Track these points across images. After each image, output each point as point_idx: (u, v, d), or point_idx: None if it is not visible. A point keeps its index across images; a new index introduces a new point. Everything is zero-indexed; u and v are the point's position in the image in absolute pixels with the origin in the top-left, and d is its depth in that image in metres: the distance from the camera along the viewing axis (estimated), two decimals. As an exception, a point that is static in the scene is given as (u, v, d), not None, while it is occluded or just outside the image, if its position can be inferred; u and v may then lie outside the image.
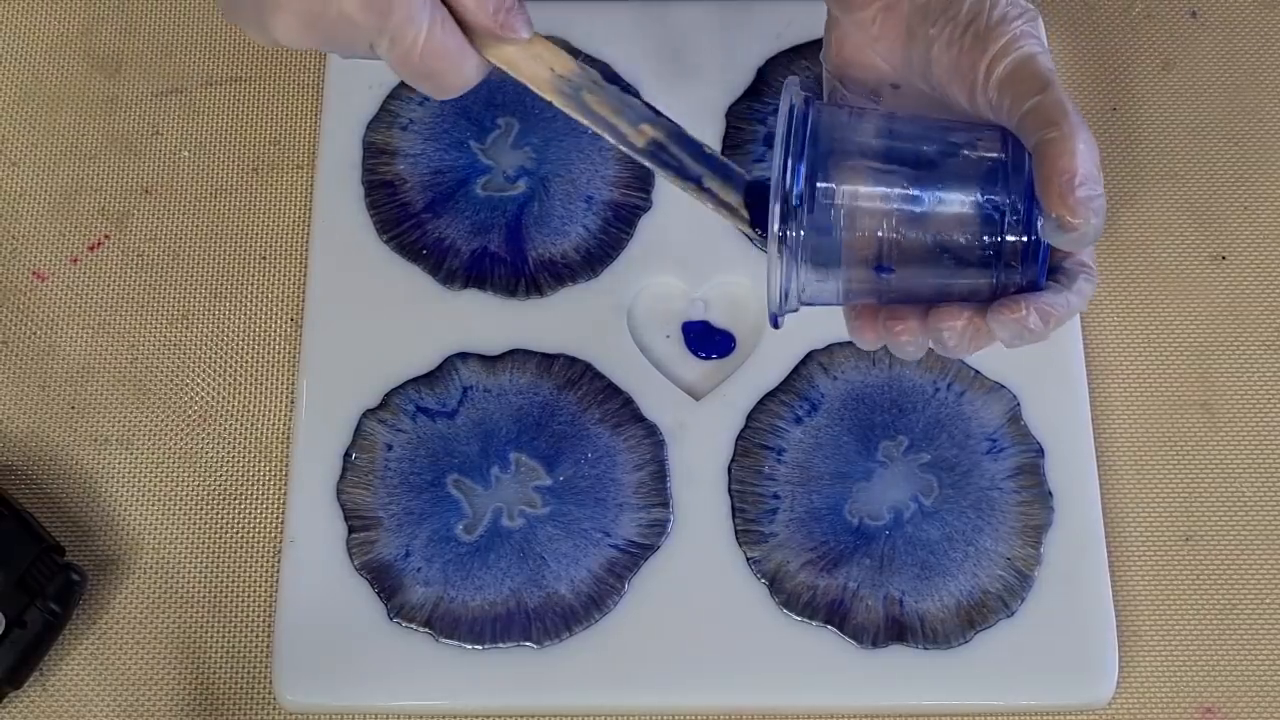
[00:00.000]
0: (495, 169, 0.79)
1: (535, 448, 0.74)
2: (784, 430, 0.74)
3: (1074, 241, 0.60)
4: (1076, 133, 0.60)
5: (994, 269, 0.61)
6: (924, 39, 0.64)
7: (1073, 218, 0.59)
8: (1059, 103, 0.60)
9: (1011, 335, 0.61)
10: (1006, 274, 0.61)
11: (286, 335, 0.78)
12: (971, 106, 0.63)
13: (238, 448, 0.76)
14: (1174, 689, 0.71)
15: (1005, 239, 0.61)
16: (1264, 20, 0.85)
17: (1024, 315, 0.61)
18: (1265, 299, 0.79)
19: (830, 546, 0.72)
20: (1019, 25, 0.62)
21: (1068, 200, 0.59)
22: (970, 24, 0.63)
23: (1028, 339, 0.61)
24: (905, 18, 0.65)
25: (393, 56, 0.61)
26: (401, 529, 0.73)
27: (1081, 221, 0.59)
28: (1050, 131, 0.60)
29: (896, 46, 0.65)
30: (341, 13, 0.59)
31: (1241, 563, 0.74)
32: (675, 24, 0.83)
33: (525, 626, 0.71)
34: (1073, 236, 0.60)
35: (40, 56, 0.84)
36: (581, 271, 0.78)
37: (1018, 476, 0.73)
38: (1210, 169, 0.81)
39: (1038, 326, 0.61)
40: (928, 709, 0.71)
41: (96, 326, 0.78)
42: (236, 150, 0.82)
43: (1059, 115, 0.60)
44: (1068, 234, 0.59)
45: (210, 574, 0.74)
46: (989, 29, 0.62)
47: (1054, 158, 0.59)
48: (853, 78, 0.67)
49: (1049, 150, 0.60)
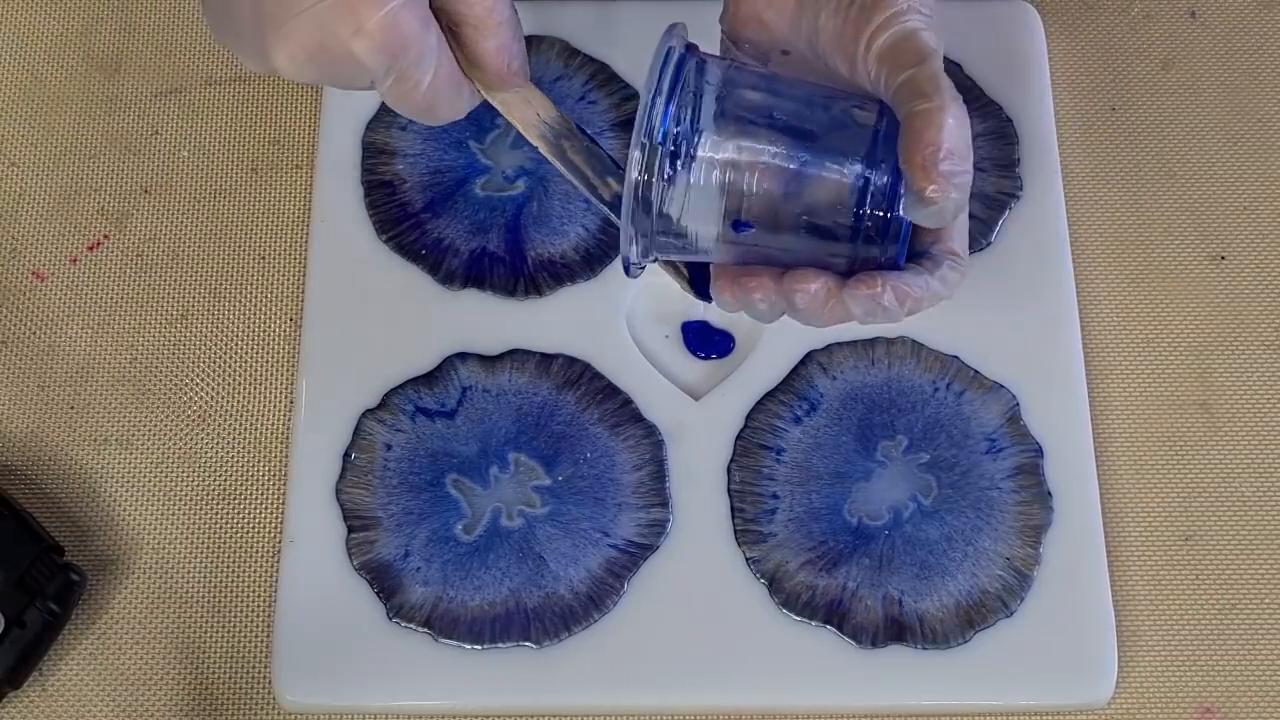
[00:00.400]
0: (494, 169, 0.80)
1: (534, 448, 0.74)
2: (783, 430, 0.74)
3: (933, 216, 0.59)
4: (947, 106, 0.59)
5: (853, 242, 0.61)
6: (812, 6, 0.64)
7: (933, 189, 0.58)
8: (933, 76, 0.60)
9: (865, 312, 0.61)
10: (865, 248, 0.61)
11: (286, 335, 0.78)
12: (853, 77, 0.63)
13: (238, 448, 0.76)
14: (1174, 689, 0.71)
15: (866, 211, 0.60)
16: (1263, 20, 0.85)
17: (878, 292, 0.61)
18: (1265, 299, 0.79)
19: (829, 546, 0.72)
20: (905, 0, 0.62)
21: (930, 172, 0.59)
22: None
23: (881, 317, 0.61)
24: None
25: (393, 95, 0.61)
26: (401, 529, 0.73)
27: (940, 194, 0.58)
28: (920, 103, 0.59)
29: (787, 13, 0.65)
30: (349, 52, 0.59)
31: (1241, 563, 0.74)
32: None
33: (524, 626, 0.71)
34: (932, 210, 0.59)
35: (40, 56, 0.84)
36: (581, 271, 0.78)
37: (1017, 476, 0.73)
38: (1210, 169, 0.81)
39: (892, 305, 0.61)
40: (927, 709, 0.71)
41: (96, 326, 0.78)
42: (236, 150, 0.82)
43: (931, 88, 0.60)
44: (926, 207, 0.59)
45: (210, 574, 0.74)
46: (875, 1, 0.62)
47: (920, 129, 0.59)
48: (745, 38, 0.67)
49: (916, 121, 0.59)
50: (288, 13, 0.58)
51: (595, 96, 0.81)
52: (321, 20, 0.58)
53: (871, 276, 0.61)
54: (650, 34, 0.82)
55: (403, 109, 0.62)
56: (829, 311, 0.62)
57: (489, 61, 0.62)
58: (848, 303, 0.61)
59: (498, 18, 0.62)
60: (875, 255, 0.61)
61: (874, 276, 0.61)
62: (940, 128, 0.59)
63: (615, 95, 0.81)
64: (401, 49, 0.59)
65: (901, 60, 0.61)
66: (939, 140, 0.59)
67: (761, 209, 0.61)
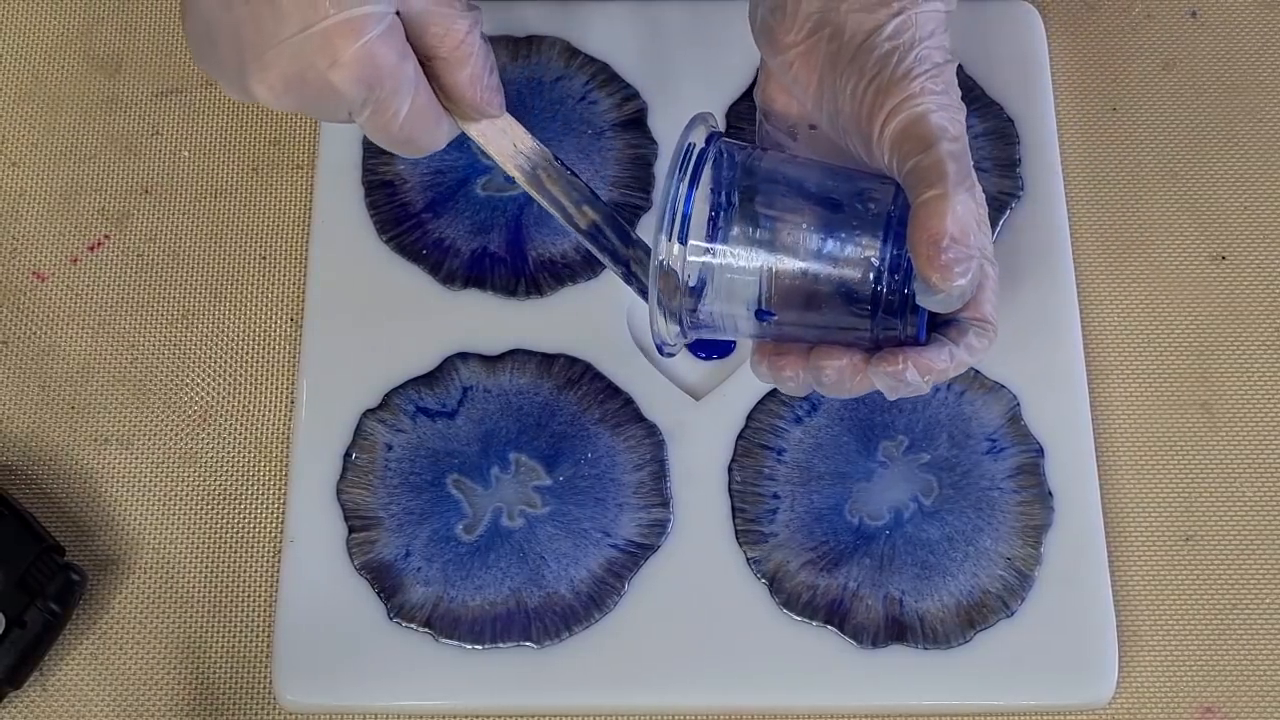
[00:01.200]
0: (495, 169, 0.79)
1: (535, 448, 0.74)
2: (784, 430, 0.74)
3: (940, 303, 0.61)
4: (950, 194, 0.60)
5: (873, 320, 0.62)
6: (833, 88, 0.65)
7: (938, 280, 0.60)
8: (938, 162, 0.61)
9: (889, 388, 0.63)
10: (886, 325, 0.62)
11: (286, 335, 0.78)
12: (869, 158, 0.64)
13: (238, 448, 0.76)
14: (1174, 689, 0.71)
15: (884, 290, 0.61)
16: (1264, 20, 0.85)
17: (900, 369, 0.62)
18: (1265, 299, 0.79)
19: (830, 546, 0.72)
20: (920, 82, 0.62)
21: (934, 262, 0.60)
22: (874, 78, 0.63)
23: (905, 392, 0.63)
24: (819, 65, 0.65)
25: (371, 125, 0.62)
26: (402, 529, 0.73)
27: (945, 283, 0.60)
28: (925, 192, 0.60)
29: (810, 91, 0.66)
30: (327, 83, 0.60)
31: (1241, 563, 0.74)
32: (675, 24, 0.83)
33: (525, 626, 0.71)
34: (940, 299, 0.60)
35: (40, 56, 0.84)
36: (581, 271, 0.78)
37: (1018, 476, 0.73)
38: (1210, 169, 0.81)
39: (915, 381, 0.62)
40: (928, 709, 0.71)
41: (96, 326, 0.78)
42: (236, 150, 0.82)
43: (936, 176, 0.60)
44: (934, 295, 0.60)
45: (210, 574, 0.74)
46: (890, 84, 0.63)
47: (924, 219, 0.60)
48: (776, 114, 0.68)
49: (921, 211, 0.60)
50: (266, 43, 0.59)
51: (595, 96, 0.81)
52: (299, 51, 0.59)
53: (894, 354, 0.62)
54: (650, 34, 0.83)
55: (381, 140, 0.64)
56: (855, 385, 0.63)
57: (463, 93, 0.64)
58: (874, 379, 0.63)
59: (467, 49, 0.63)
60: (896, 331, 0.62)
61: (896, 354, 0.62)
62: (943, 216, 0.60)
63: (615, 95, 0.81)
64: (378, 80, 0.60)
65: (910, 146, 0.62)
66: (942, 229, 0.59)
67: (786, 290, 0.63)
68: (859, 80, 0.63)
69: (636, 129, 0.80)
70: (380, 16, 0.60)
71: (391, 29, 0.61)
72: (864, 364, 0.62)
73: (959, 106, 0.63)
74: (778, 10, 0.66)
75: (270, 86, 0.60)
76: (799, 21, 0.65)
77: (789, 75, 0.66)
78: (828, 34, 0.65)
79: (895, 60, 0.63)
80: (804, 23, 0.65)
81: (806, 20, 0.65)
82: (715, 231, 0.63)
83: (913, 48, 0.63)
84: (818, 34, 0.65)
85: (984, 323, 0.63)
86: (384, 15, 0.60)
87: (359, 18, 0.59)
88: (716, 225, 0.63)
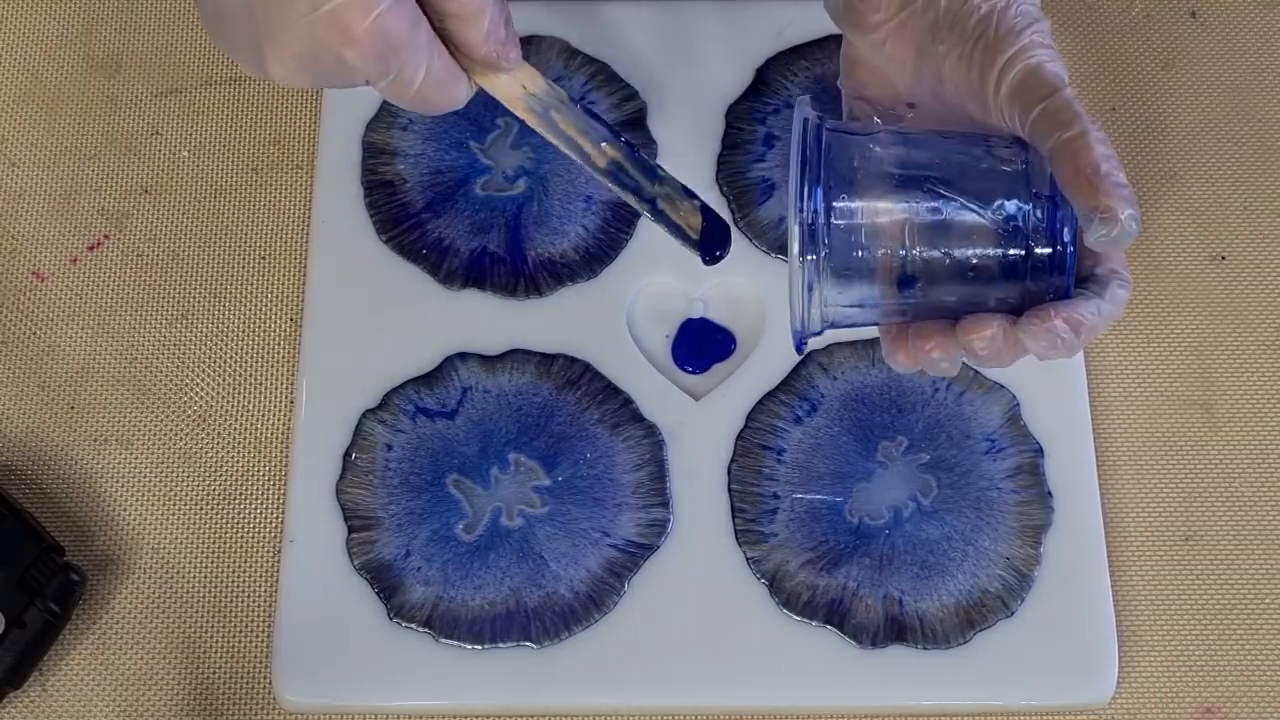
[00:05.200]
0: (494, 169, 0.79)
1: (535, 448, 0.74)
2: (784, 430, 0.74)
3: (1117, 236, 0.59)
4: (1089, 130, 0.59)
5: (1020, 280, 0.61)
6: (934, 56, 0.64)
7: (1113, 203, 0.58)
8: (1068, 104, 0.60)
9: (1044, 346, 0.61)
10: (1034, 284, 0.61)
11: (286, 335, 0.78)
12: (985, 119, 0.63)
13: (238, 448, 0.76)
14: (1174, 689, 0.71)
15: (1029, 249, 0.61)
16: (1264, 20, 0.85)
17: (1054, 324, 0.60)
18: (1265, 299, 0.79)
19: (830, 546, 0.72)
20: (1028, 35, 0.62)
21: (1101, 187, 0.58)
22: (979, 39, 0.63)
23: (1061, 349, 0.61)
24: (915, 37, 0.65)
25: (389, 93, 0.62)
26: (401, 529, 0.73)
27: (1118, 206, 0.58)
28: (1063, 131, 0.59)
29: (908, 66, 0.65)
30: (342, 60, 0.59)
31: (1241, 563, 0.74)
32: (675, 24, 0.83)
33: (525, 626, 0.71)
34: (1115, 232, 0.58)
35: (40, 56, 0.84)
36: (581, 271, 0.78)
37: (1017, 476, 0.73)
38: (1210, 169, 0.81)
39: (1068, 336, 0.60)
40: (927, 709, 0.71)
41: (96, 326, 0.78)
42: (236, 150, 0.82)
43: (1069, 116, 0.60)
44: (1108, 226, 0.58)
45: (210, 574, 0.74)
46: (996, 41, 0.62)
47: (1072, 155, 0.59)
48: (868, 98, 0.67)
49: (1065, 149, 0.59)
50: (280, 24, 0.59)
51: (595, 97, 0.81)
52: (312, 30, 0.59)
53: (1044, 310, 0.60)
54: (650, 34, 0.83)
55: (401, 104, 0.63)
56: (1009, 352, 0.61)
57: (476, 49, 0.63)
58: (1025, 340, 0.61)
59: (479, 5, 0.62)
60: (1044, 289, 0.61)
61: (1046, 310, 0.60)
62: (1090, 148, 0.59)
63: (615, 95, 0.81)
64: (392, 51, 0.60)
65: (1033, 94, 0.61)
66: (1094, 160, 0.59)
67: (924, 264, 0.62)
68: (964, 44, 0.63)
69: (636, 129, 0.80)
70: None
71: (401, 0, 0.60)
72: (1013, 328, 0.61)
73: (1063, 62, 0.62)
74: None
75: (285, 66, 0.60)
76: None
77: (882, 54, 0.66)
78: (920, 5, 0.64)
79: (997, 19, 0.63)
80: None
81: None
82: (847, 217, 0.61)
83: (1010, 5, 0.63)
84: (908, 7, 0.65)
85: (1121, 273, 0.62)
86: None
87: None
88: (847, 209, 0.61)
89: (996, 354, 0.61)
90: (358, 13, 0.58)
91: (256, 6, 0.59)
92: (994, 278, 0.61)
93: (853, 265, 0.62)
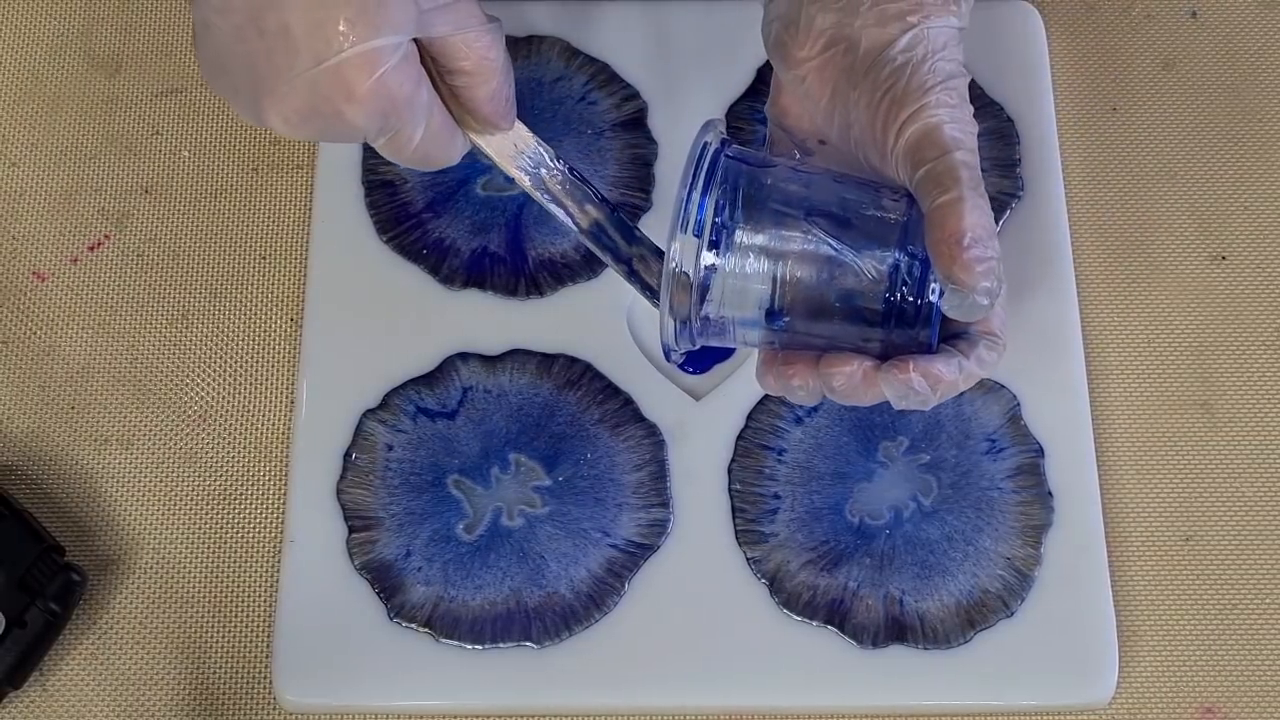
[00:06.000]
0: (495, 169, 0.79)
1: (535, 448, 0.74)
2: (784, 430, 0.74)
3: (969, 309, 0.60)
4: (966, 197, 0.60)
5: (884, 327, 0.62)
6: (847, 101, 0.65)
7: (965, 277, 0.59)
8: (952, 168, 0.61)
9: (898, 395, 0.62)
10: (898, 334, 0.62)
11: (286, 335, 0.78)
12: (883, 169, 0.64)
13: (238, 448, 0.76)
14: (1174, 689, 0.71)
15: (897, 299, 0.61)
16: (1264, 20, 0.85)
17: (910, 377, 0.61)
18: (1265, 299, 0.79)
19: (830, 546, 0.72)
20: (935, 94, 0.63)
21: (958, 258, 0.59)
22: (888, 90, 0.63)
23: (914, 401, 0.62)
24: (834, 78, 0.66)
25: (387, 150, 0.62)
26: (402, 529, 0.73)
27: (971, 280, 0.59)
28: (940, 195, 0.60)
29: (823, 105, 0.66)
30: (342, 116, 0.59)
31: (1241, 563, 0.74)
32: (675, 24, 0.83)
33: (525, 626, 0.71)
34: (967, 303, 0.60)
35: (40, 56, 0.84)
36: (581, 271, 0.78)
37: (1017, 476, 0.73)
38: (1210, 169, 0.81)
39: (923, 389, 0.62)
40: (928, 709, 0.71)
41: (96, 326, 0.78)
42: (236, 150, 0.82)
43: (950, 180, 0.60)
44: (962, 296, 0.60)
45: (210, 574, 0.74)
46: (904, 95, 0.63)
47: (943, 220, 0.60)
48: (788, 128, 0.69)
49: (938, 213, 0.60)
50: (280, 77, 0.59)
51: (595, 97, 0.81)
52: (314, 85, 0.59)
53: (904, 361, 0.62)
54: (650, 34, 0.83)
55: (398, 160, 0.63)
56: (866, 393, 0.63)
57: (480, 108, 0.64)
58: (882, 386, 0.62)
59: (490, 66, 0.62)
60: (908, 341, 0.62)
61: (904, 362, 0.62)
62: (961, 216, 0.60)
63: (615, 95, 0.81)
64: (393, 110, 0.60)
65: (923, 154, 0.62)
66: (961, 229, 0.59)
67: (796, 297, 0.63)
68: (873, 93, 0.63)
69: (636, 129, 0.80)
70: (394, 48, 0.59)
71: (406, 58, 0.60)
72: (874, 371, 0.62)
73: (971, 121, 0.63)
74: (791, 25, 0.66)
75: (285, 119, 0.60)
76: (812, 37, 0.66)
77: (802, 89, 0.66)
78: (842, 49, 0.65)
79: (909, 73, 0.63)
80: (818, 38, 0.65)
81: (820, 35, 0.65)
82: (727, 236, 0.62)
83: (926, 60, 0.63)
84: (832, 49, 0.65)
85: (994, 336, 0.63)
86: (398, 45, 0.59)
87: (373, 51, 0.58)
88: (729, 230, 0.62)
89: (854, 392, 0.63)
90: (362, 70, 0.58)
91: (258, 58, 0.59)
92: (859, 321, 0.62)
93: (728, 288, 0.63)
